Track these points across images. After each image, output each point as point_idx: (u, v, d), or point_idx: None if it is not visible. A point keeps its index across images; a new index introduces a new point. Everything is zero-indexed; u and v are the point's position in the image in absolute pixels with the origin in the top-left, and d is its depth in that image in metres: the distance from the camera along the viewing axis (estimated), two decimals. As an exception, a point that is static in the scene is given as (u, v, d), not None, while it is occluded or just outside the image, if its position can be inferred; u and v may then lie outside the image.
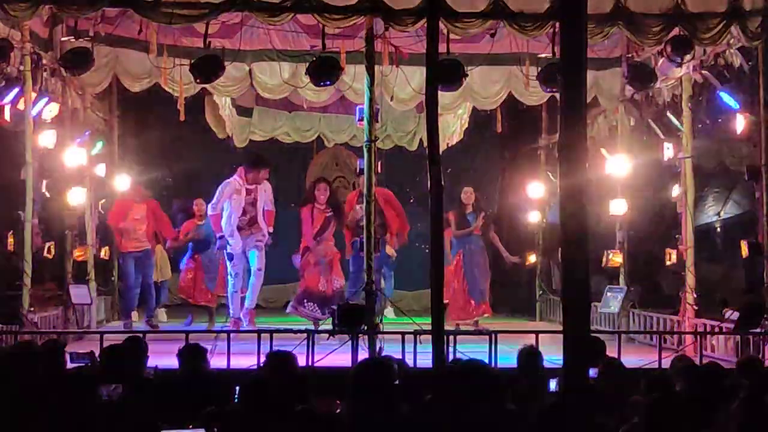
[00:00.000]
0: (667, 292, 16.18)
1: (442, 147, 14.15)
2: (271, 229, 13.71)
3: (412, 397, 6.12)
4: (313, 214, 13.71)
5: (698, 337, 11.71)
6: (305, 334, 10.62)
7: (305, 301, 13.53)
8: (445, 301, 14.44)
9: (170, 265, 16.09)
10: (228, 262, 13.56)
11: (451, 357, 9.14)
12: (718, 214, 18.92)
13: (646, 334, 13.46)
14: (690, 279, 12.95)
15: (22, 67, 12.18)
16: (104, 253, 15.64)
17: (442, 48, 9.35)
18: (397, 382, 6.06)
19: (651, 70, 13.05)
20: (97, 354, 8.60)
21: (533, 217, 17.49)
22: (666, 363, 9.08)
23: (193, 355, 7.65)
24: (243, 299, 13.59)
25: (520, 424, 6.01)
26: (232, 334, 10.90)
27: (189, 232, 15.00)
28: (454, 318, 14.27)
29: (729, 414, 6.09)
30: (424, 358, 9.37)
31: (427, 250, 12.23)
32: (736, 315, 12.23)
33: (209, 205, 13.76)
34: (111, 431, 5.90)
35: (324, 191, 13.83)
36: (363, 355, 10.45)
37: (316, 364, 10.28)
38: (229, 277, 13.56)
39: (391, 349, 10.49)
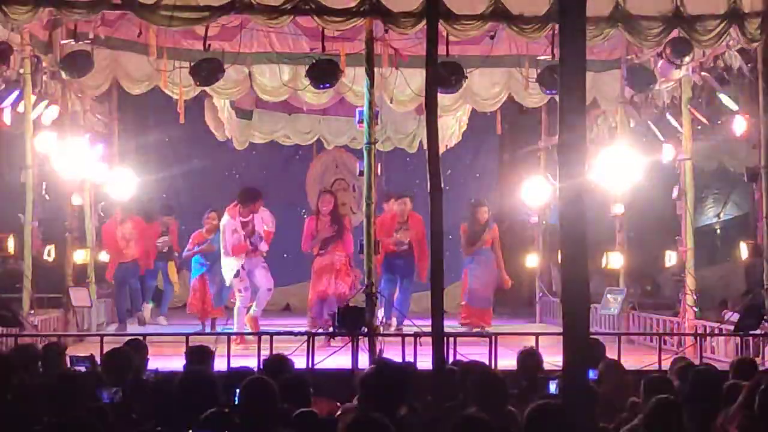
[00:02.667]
0: (666, 293, 16.21)
1: (442, 149, 14.14)
2: (265, 247, 13.45)
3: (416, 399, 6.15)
4: (318, 225, 13.72)
5: (698, 338, 11.72)
6: (305, 337, 10.64)
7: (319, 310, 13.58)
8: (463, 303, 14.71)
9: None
10: (233, 279, 13.20)
11: (451, 359, 9.14)
12: (718, 215, 18.94)
13: (646, 336, 13.46)
14: (690, 280, 12.94)
15: (22, 70, 12.19)
16: (104, 255, 15.67)
17: (441, 50, 9.36)
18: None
19: (650, 71, 13.06)
20: (97, 357, 8.61)
21: (533, 219, 17.47)
22: (666, 364, 9.09)
23: (200, 356, 7.66)
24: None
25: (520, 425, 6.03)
26: (231, 337, 10.92)
27: (199, 244, 14.87)
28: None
29: (728, 416, 6.09)
30: (424, 360, 9.37)
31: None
32: (735, 316, 12.24)
33: (222, 250, 13.34)
34: (111, 434, 5.90)
35: (327, 203, 13.82)
36: (363, 357, 10.46)
37: (316, 367, 10.29)
38: (237, 293, 13.21)
39: (391, 351, 10.50)
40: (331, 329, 11.37)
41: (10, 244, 12.66)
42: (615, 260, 14.78)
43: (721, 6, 11.40)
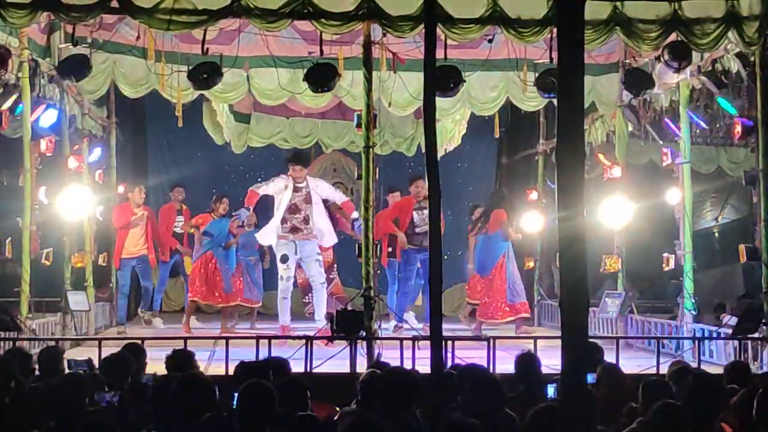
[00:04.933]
0: (665, 297, 16.21)
1: (440, 152, 14.16)
2: (356, 214, 13.29)
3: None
4: None
5: (696, 342, 11.71)
6: (303, 340, 10.64)
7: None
8: (476, 302, 14.66)
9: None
10: (280, 264, 13.22)
11: (449, 363, 9.14)
12: (716, 219, 18.97)
13: (644, 340, 13.46)
14: (688, 284, 12.94)
15: (20, 74, 12.17)
16: (102, 259, 15.68)
17: (439, 54, 9.35)
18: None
19: (649, 75, 13.06)
20: (95, 361, 8.61)
21: (531, 223, 17.45)
22: (664, 368, 9.09)
23: (180, 362, 7.65)
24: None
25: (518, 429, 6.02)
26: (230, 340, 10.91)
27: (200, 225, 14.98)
28: (490, 317, 14.52)
29: (725, 420, 6.09)
30: (422, 364, 9.36)
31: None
32: (734, 320, 12.24)
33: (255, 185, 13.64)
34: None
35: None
36: (361, 361, 10.45)
37: (314, 370, 10.29)
38: (279, 279, 13.28)
39: (389, 354, 10.50)
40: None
41: (8, 248, 12.64)
42: (613, 264, 14.77)
43: (720, 10, 11.39)
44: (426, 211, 14.26)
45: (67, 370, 8.15)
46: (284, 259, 12.95)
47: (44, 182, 13.46)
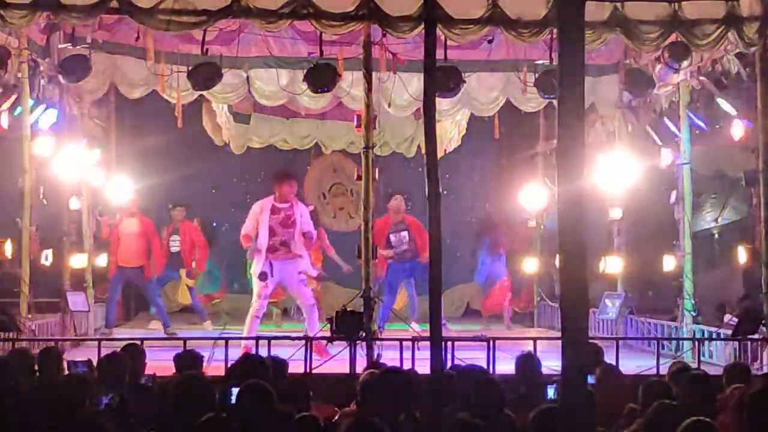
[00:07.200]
0: (664, 298, 16.21)
1: (440, 153, 14.19)
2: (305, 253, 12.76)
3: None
4: None
5: (696, 343, 11.72)
6: (303, 341, 10.64)
7: None
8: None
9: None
10: (258, 282, 12.35)
11: (449, 363, 9.14)
12: (716, 220, 18.96)
13: (644, 341, 13.46)
14: (688, 285, 12.94)
15: (19, 75, 12.18)
16: (102, 260, 15.66)
17: (439, 54, 9.35)
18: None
19: (648, 76, 13.06)
20: (94, 362, 8.60)
21: (530, 224, 17.45)
22: (664, 369, 9.09)
23: (189, 362, 7.66)
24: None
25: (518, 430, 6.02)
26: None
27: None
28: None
29: (721, 422, 6.08)
30: (422, 364, 9.35)
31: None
32: (735, 320, 12.25)
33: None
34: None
35: None
36: (361, 361, 10.46)
37: (314, 371, 10.29)
38: (257, 298, 12.42)
39: (389, 355, 10.50)
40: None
41: (8, 249, 12.64)
42: (613, 265, 14.77)
43: (720, 10, 11.38)
44: (403, 233, 14.45)
45: (66, 371, 8.15)
46: (263, 276, 12.23)
47: (43, 183, 13.45)
